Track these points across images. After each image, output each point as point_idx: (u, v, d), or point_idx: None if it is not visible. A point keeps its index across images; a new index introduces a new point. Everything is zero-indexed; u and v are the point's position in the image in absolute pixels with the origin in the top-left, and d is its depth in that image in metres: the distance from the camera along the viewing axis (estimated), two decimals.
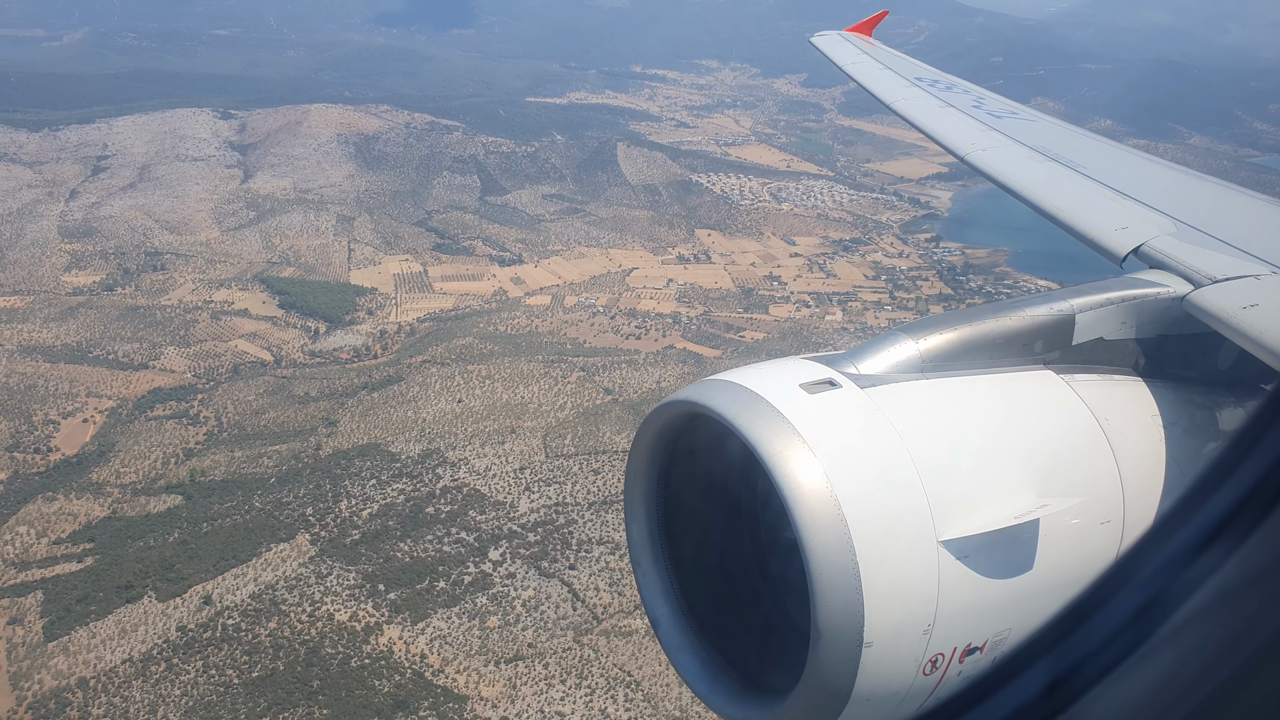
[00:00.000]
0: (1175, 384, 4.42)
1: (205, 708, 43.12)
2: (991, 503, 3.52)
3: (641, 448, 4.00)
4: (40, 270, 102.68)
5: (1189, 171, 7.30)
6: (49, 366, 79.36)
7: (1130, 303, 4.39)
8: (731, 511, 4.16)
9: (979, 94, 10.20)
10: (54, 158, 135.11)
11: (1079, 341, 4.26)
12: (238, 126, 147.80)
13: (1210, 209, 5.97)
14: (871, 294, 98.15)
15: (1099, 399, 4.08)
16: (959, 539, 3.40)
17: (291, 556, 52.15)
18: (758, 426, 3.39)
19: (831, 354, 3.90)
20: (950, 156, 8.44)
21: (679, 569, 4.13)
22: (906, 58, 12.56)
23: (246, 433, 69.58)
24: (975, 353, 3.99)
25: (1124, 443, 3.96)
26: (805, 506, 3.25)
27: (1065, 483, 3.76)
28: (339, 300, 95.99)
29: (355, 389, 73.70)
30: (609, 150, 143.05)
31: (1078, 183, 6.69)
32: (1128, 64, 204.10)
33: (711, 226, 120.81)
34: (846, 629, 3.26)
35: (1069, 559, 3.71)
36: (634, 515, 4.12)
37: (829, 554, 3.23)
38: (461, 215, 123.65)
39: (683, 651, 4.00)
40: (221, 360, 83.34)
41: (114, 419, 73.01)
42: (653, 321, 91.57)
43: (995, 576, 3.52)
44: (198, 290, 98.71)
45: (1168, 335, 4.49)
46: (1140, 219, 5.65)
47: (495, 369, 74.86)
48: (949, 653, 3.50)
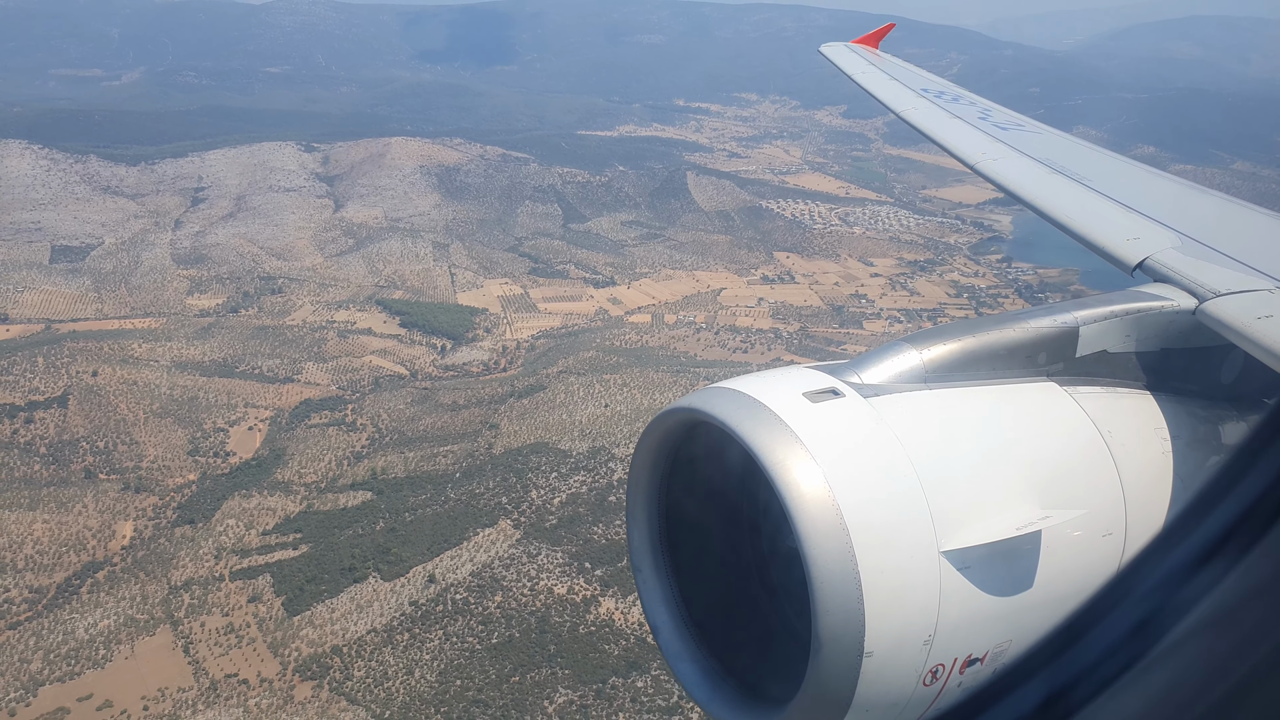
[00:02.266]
0: (1178, 397, 4.42)
1: (456, 669, 47.99)
2: (993, 513, 3.52)
3: (644, 454, 4.01)
4: (164, 294, 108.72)
5: (1192, 185, 7.39)
6: (205, 380, 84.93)
7: (1134, 316, 4.41)
8: (733, 519, 4.16)
9: (985, 105, 10.35)
10: (154, 190, 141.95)
11: (1083, 354, 4.27)
12: (321, 159, 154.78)
13: (1213, 223, 6.03)
14: (958, 310, 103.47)
15: (1102, 411, 4.08)
16: (960, 549, 3.40)
17: (499, 540, 57.20)
18: (760, 434, 3.39)
19: (835, 363, 3.93)
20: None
21: (680, 576, 4.13)
22: (912, 68, 12.73)
23: (408, 437, 74.86)
24: (979, 363, 4.01)
25: (1126, 455, 3.97)
26: (807, 514, 3.24)
27: (1067, 494, 3.76)
28: (457, 320, 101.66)
29: (502, 397, 78.99)
30: (679, 179, 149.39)
31: (1085, 195, 6.82)
32: (1161, 93, 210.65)
33: (789, 249, 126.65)
34: (847, 638, 3.24)
35: (1070, 571, 3.69)
36: (635, 521, 4.13)
37: (830, 562, 3.22)
38: (550, 241, 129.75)
39: (683, 659, 4.00)
40: (360, 374, 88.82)
41: (275, 427, 78.42)
42: (755, 337, 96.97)
43: (996, 588, 3.51)
44: (317, 311, 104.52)
45: (1171, 349, 4.50)
46: (1146, 231, 5.70)
47: (628, 378, 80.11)
48: (949, 663, 3.49)
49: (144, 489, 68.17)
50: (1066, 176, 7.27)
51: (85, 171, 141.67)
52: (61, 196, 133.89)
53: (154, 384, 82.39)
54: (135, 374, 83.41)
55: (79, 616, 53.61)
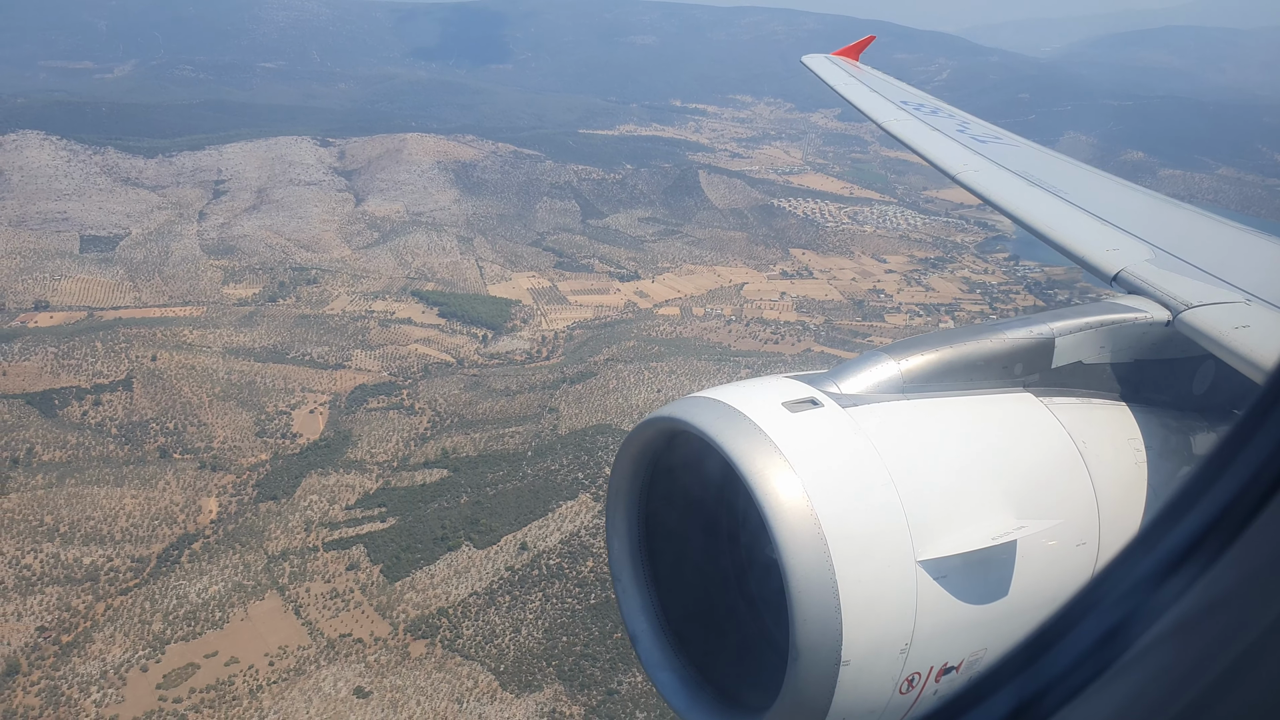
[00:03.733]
0: (1151, 408, 4.50)
1: (560, 627, 51.48)
2: (969, 523, 3.56)
3: (624, 464, 4.05)
4: (199, 283, 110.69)
5: (1165, 199, 7.57)
6: (260, 365, 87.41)
7: (1109, 327, 4.48)
8: (712, 529, 4.20)
9: (963, 118, 10.62)
10: (173, 182, 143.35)
11: (1058, 365, 4.34)
12: (337, 154, 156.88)
13: (1185, 236, 6.13)
14: (973, 305, 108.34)
15: (1077, 422, 4.14)
16: (937, 559, 3.42)
17: (581, 511, 60.68)
18: (739, 443, 3.43)
19: (813, 373, 3.97)
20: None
21: (659, 585, 4.18)
22: (891, 80, 13.08)
23: (469, 420, 78.00)
24: (955, 374, 4.07)
25: (1100, 465, 4.02)
26: (785, 524, 3.27)
27: (1042, 505, 3.81)
28: (495, 310, 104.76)
29: (555, 383, 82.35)
30: (691, 177, 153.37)
31: (1063, 208, 7.00)
32: (1144, 100, 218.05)
33: (803, 246, 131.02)
34: (824, 647, 3.28)
35: (1045, 580, 3.73)
36: (615, 531, 4.21)
37: (808, 571, 3.25)
38: (571, 237, 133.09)
39: (661, 668, 4.05)
40: (408, 361, 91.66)
41: (335, 410, 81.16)
42: (783, 329, 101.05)
43: (972, 597, 3.54)
44: (354, 301, 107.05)
45: (1144, 360, 4.60)
46: (1121, 243, 5.83)
47: (673, 366, 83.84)
48: (925, 672, 3.52)
49: (220, 467, 70.74)
50: (1043, 189, 7.50)
51: (104, 163, 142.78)
52: (84, 187, 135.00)
53: (211, 369, 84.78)
54: (192, 359, 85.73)
55: (187, 583, 56.36)
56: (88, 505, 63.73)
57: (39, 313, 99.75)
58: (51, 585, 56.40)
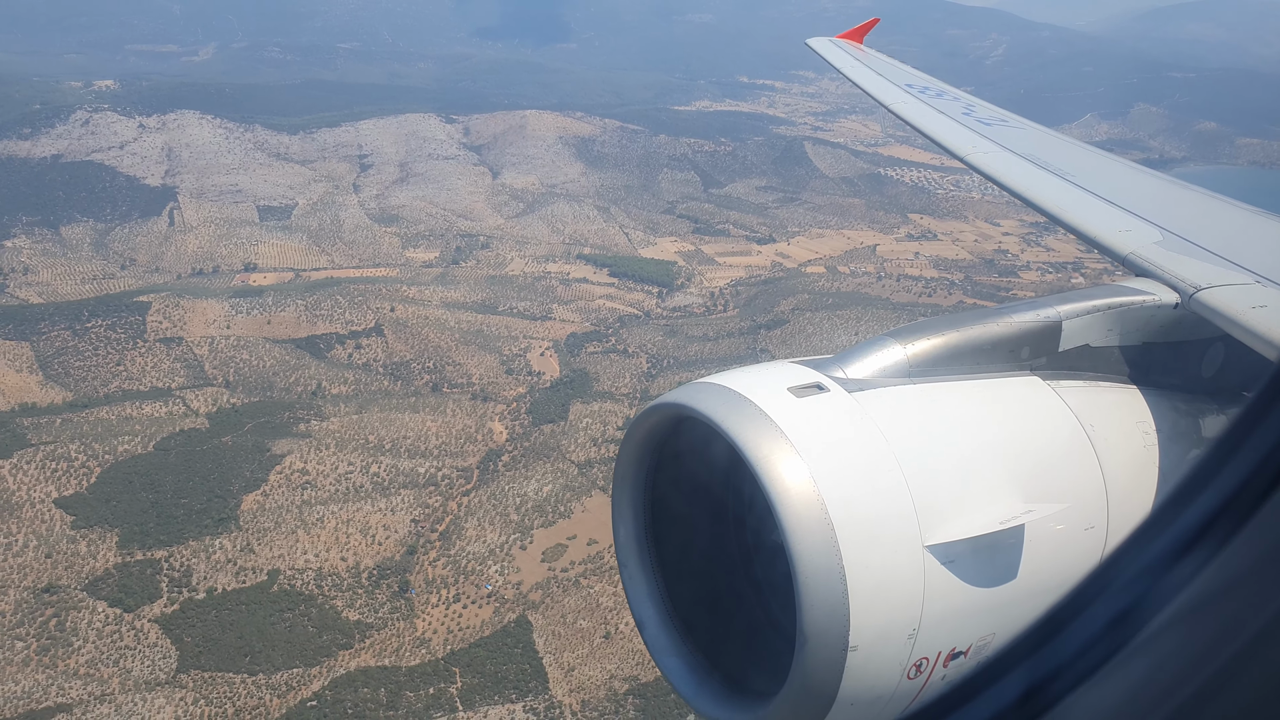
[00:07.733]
0: (1160, 391, 4.50)
1: None
2: (977, 508, 3.57)
3: (629, 449, 4.07)
4: (382, 248, 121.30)
5: (1174, 181, 7.72)
6: (481, 316, 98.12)
7: (1117, 310, 4.48)
8: (718, 514, 4.22)
9: (968, 101, 10.82)
10: (319, 157, 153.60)
11: (1065, 348, 4.33)
12: (462, 129, 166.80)
13: (1194, 219, 6.12)
14: (1095, 263, 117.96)
15: (1084, 405, 4.15)
16: (944, 544, 3.44)
17: None
18: (745, 429, 3.45)
19: (819, 358, 3.98)
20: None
21: (665, 571, 4.19)
22: (896, 63, 13.20)
23: (683, 361, 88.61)
24: (962, 358, 4.07)
25: (1109, 449, 4.04)
26: (791, 509, 3.29)
27: (1050, 488, 3.82)
28: (660, 271, 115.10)
29: (750, 329, 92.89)
30: (798, 148, 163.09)
31: (1071, 190, 7.01)
32: (1205, 72, 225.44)
33: (919, 211, 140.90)
34: (832, 632, 3.29)
35: (1053, 564, 3.73)
36: (621, 517, 4.20)
37: (815, 557, 3.27)
38: (699, 205, 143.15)
39: (668, 654, 4.06)
40: (601, 314, 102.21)
41: (561, 353, 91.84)
42: (932, 284, 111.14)
43: (980, 581, 3.55)
44: (529, 264, 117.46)
45: (1153, 343, 4.59)
46: (1131, 225, 5.86)
47: (855, 315, 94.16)
48: (933, 657, 3.53)
49: (489, 398, 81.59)
50: (1051, 172, 7.53)
51: (256, 139, 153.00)
52: (246, 162, 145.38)
53: (442, 319, 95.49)
54: (424, 311, 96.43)
55: (519, 485, 67.22)
56: (398, 428, 74.63)
57: (250, 273, 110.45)
58: (403, 489, 67.38)
